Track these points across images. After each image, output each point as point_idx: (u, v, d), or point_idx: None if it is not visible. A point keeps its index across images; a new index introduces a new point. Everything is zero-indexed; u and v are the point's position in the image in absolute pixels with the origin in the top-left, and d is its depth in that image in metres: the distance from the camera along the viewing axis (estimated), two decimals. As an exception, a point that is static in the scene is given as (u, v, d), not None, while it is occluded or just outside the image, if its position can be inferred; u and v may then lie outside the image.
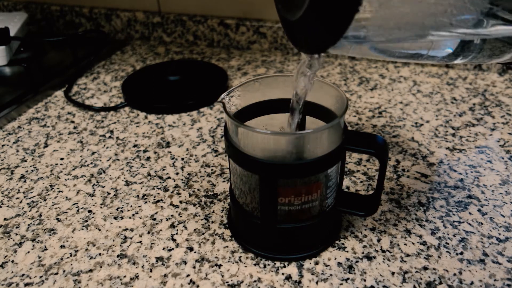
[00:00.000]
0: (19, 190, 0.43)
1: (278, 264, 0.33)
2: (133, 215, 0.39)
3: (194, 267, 0.33)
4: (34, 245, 0.36)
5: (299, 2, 0.24)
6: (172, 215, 0.39)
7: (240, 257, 0.34)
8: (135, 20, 0.78)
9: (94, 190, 0.42)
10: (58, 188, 0.43)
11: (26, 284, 0.33)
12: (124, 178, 0.44)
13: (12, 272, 0.34)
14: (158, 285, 0.32)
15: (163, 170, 0.44)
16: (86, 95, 0.60)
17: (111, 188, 0.42)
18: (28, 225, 0.38)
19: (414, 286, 0.31)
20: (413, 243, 0.35)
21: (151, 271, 0.33)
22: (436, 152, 0.46)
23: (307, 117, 0.35)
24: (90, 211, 0.39)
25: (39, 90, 0.60)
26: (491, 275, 0.32)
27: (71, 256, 0.35)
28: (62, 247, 0.36)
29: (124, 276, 0.33)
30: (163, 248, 0.35)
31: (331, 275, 0.32)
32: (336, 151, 0.30)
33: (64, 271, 0.34)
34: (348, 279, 0.32)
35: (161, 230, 0.37)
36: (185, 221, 0.38)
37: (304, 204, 0.31)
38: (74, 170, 0.45)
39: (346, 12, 0.21)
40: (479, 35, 0.25)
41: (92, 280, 0.33)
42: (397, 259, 0.33)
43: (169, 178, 0.43)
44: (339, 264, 0.33)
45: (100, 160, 0.46)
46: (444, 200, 0.39)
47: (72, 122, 0.54)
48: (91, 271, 0.33)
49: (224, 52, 0.72)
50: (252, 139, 0.30)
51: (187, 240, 0.36)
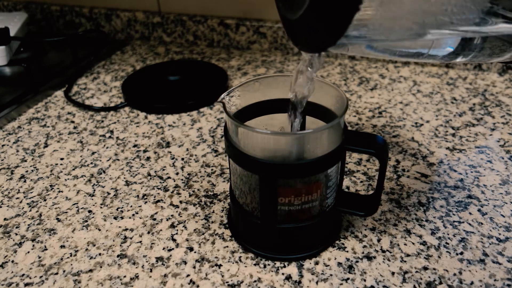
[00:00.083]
0: (19, 190, 0.43)
1: (278, 264, 0.33)
2: (133, 215, 0.39)
3: (194, 267, 0.33)
4: (34, 245, 0.36)
5: (300, 1, 0.24)
6: (172, 215, 0.39)
7: (240, 257, 0.34)
8: (135, 20, 0.78)
9: (94, 190, 0.42)
10: (58, 188, 0.43)
11: (26, 284, 0.33)
12: (124, 178, 0.44)
13: (12, 272, 0.34)
14: (158, 285, 0.32)
15: (163, 170, 0.44)
16: (86, 95, 0.60)
17: (111, 188, 0.42)
18: (28, 225, 0.38)
19: (414, 286, 0.31)
20: (413, 243, 0.35)
21: (151, 271, 0.33)
22: (436, 152, 0.46)
23: (307, 117, 0.35)
24: (90, 211, 0.39)
25: (39, 90, 0.60)
26: (491, 275, 0.32)
27: (71, 256, 0.35)
28: (62, 247, 0.36)
29: (124, 276, 0.33)
30: (163, 248, 0.35)
31: (331, 275, 0.32)
32: (336, 151, 0.30)
33: (64, 271, 0.34)
34: (348, 279, 0.32)
35: (161, 230, 0.37)
36: (185, 221, 0.38)
37: (304, 204, 0.31)
38: (74, 170, 0.45)
39: (346, 11, 0.21)
40: (479, 34, 0.25)
41: (92, 280, 0.33)
42: (397, 259, 0.33)
43: (169, 178, 0.43)
44: (339, 264, 0.33)
45: (100, 160, 0.46)
46: (444, 200, 0.39)
47: (72, 122, 0.54)
48: (91, 271, 0.33)
49: (224, 52, 0.72)
50: (252, 139, 0.30)
51: (187, 240, 0.36)
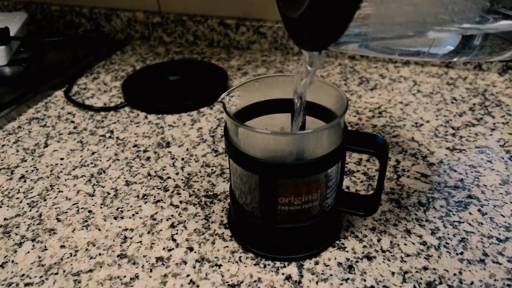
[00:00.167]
0: (19, 190, 0.43)
1: (278, 264, 0.33)
2: (133, 215, 0.39)
3: (194, 267, 0.33)
4: (34, 245, 0.36)
5: None
6: (172, 215, 0.39)
7: (240, 257, 0.34)
8: (135, 20, 0.78)
9: (94, 190, 0.42)
10: (58, 188, 0.43)
11: (26, 284, 0.33)
12: (124, 178, 0.44)
13: (12, 272, 0.34)
14: (158, 285, 0.32)
15: (163, 170, 0.44)
16: (86, 95, 0.60)
17: (111, 188, 0.42)
18: (28, 225, 0.38)
19: (414, 286, 0.31)
20: (413, 243, 0.35)
21: (151, 271, 0.33)
22: (436, 152, 0.46)
23: (307, 117, 0.35)
24: (90, 211, 0.39)
25: (39, 90, 0.60)
26: (491, 275, 0.32)
27: (71, 256, 0.35)
28: (62, 247, 0.36)
29: (124, 276, 0.33)
30: (163, 248, 0.35)
31: (331, 275, 0.32)
32: (336, 151, 0.30)
33: (64, 271, 0.34)
34: (348, 279, 0.32)
35: (161, 230, 0.37)
36: (185, 221, 0.38)
37: (304, 204, 0.31)
38: (74, 170, 0.45)
39: (347, 9, 0.21)
40: (480, 32, 0.25)
41: (92, 280, 0.33)
42: (397, 259, 0.33)
43: (169, 178, 0.43)
44: (339, 264, 0.33)
45: (100, 160, 0.46)
46: (444, 200, 0.39)
47: (72, 122, 0.54)
48: (91, 271, 0.33)
49: (224, 52, 0.72)
50: (252, 139, 0.30)
51: (187, 240, 0.36)
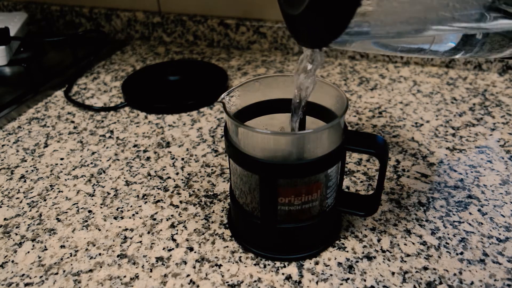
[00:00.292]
0: (19, 190, 0.43)
1: (278, 264, 0.33)
2: (133, 215, 0.39)
3: (194, 267, 0.33)
4: (34, 245, 0.36)
5: None
6: (172, 215, 0.39)
7: (240, 257, 0.34)
8: (135, 20, 0.78)
9: (94, 190, 0.42)
10: (58, 188, 0.43)
11: (26, 284, 0.33)
12: (124, 178, 0.44)
13: (12, 272, 0.34)
14: (158, 285, 0.32)
15: (163, 170, 0.44)
16: (86, 95, 0.60)
17: (111, 188, 0.42)
18: (28, 225, 0.38)
19: (414, 286, 0.31)
20: (413, 243, 0.35)
21: (151, 271, 0.33)
22: (436, 152, 0.46)
23: (307, 117, 0.35)
24: (90, 211, 0.39)
25: (39, 90, 0.60)
26: (491, 275, 0.32)
27: (71, 256, 0.35)
28: (62, 247, 0.36)
29: (124, 276, 0.33)
30: (163, 248, 0.35)
31: (331, 275, 0.32)
32: (336, 151, 0.30)
33: (64, 271, 0.34)
34: (348, 279, 0.32)
35: (161, 230, 0.37)
36: (185, 221, 0.38)
37: (304, 204, 0.31)
38: (74, 170, 0.45)
39: (348, 6, 0.21)
40: (481, 29, 0.25)
41: (92, 280, 0.33)
42: (397, 259, 0.33)
43: (169, 178, 0.43)
44: (339, 264, 0.33)
45: (100, 160, 0.46)
46: (444, 200, 0.39)
47: (72, 122, 0.54)
48: (91, 271, 0.33)
49: (224, 52, 0.72)
50: (252, 139, 0.30)
51: (187, 240, 0.36)
